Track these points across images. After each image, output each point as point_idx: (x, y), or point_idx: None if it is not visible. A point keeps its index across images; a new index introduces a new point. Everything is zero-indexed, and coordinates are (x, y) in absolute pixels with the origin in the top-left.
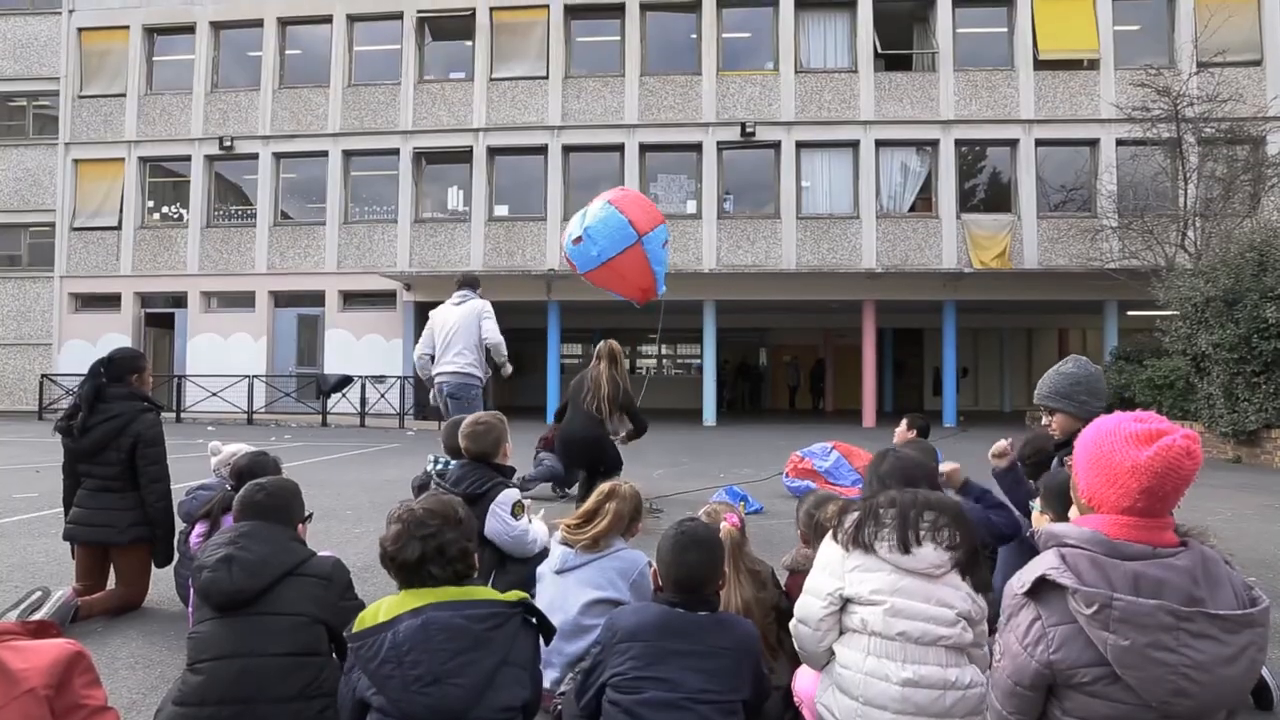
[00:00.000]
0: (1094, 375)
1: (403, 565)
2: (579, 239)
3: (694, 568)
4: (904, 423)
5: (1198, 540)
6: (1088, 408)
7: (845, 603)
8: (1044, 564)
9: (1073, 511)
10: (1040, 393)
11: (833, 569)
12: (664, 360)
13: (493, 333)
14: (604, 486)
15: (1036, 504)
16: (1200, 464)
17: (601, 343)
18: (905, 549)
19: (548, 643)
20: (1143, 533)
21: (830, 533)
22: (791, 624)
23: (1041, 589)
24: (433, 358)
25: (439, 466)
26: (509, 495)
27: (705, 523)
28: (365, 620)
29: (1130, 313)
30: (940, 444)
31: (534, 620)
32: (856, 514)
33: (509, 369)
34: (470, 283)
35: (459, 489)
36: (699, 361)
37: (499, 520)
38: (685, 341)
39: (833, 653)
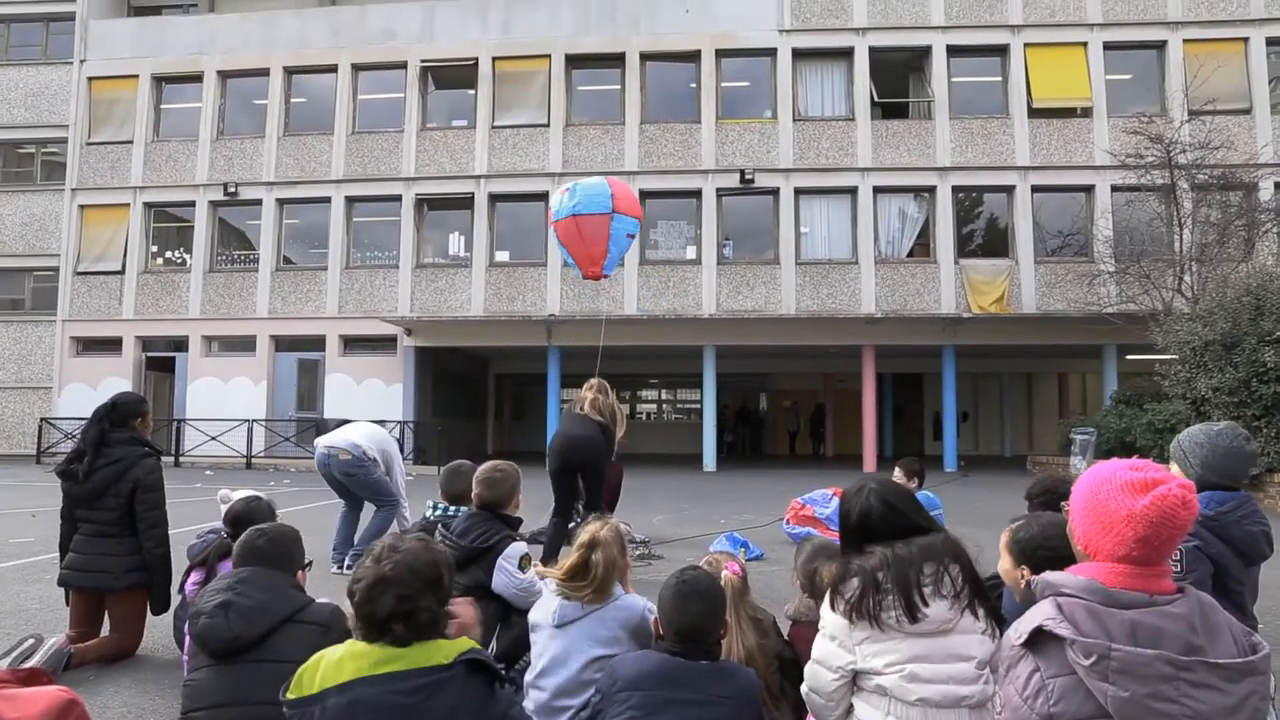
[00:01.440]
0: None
1: (368, 616)
2: (568, 189)
3: (696, 618)
4: (898, 470)
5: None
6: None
7: (858, 673)
8: (1040, 614)
9: (1003, 568)
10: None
11: (841, 640)
12: (664, 405)
13: (399, 484)
14: (584, 537)
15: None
16: (1195, 513)
17: (590, 381)
18: (913, 617)
19: (503, 685)
20: (1139, 581)
21: (829, 600)
22: (804, 689)
23: (1039, 640)
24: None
25: (438, 513)
26: (517, 549)
27: (707, 572)
28: (302, 681)
29: (1129, 356)
30: (941, 489)
31: (484, 663)
32: (856, 582)
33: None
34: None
35: (465, 540)
36: (699, 406)
37: (506, 574)
38: (685, 386)
39: (851, 708)
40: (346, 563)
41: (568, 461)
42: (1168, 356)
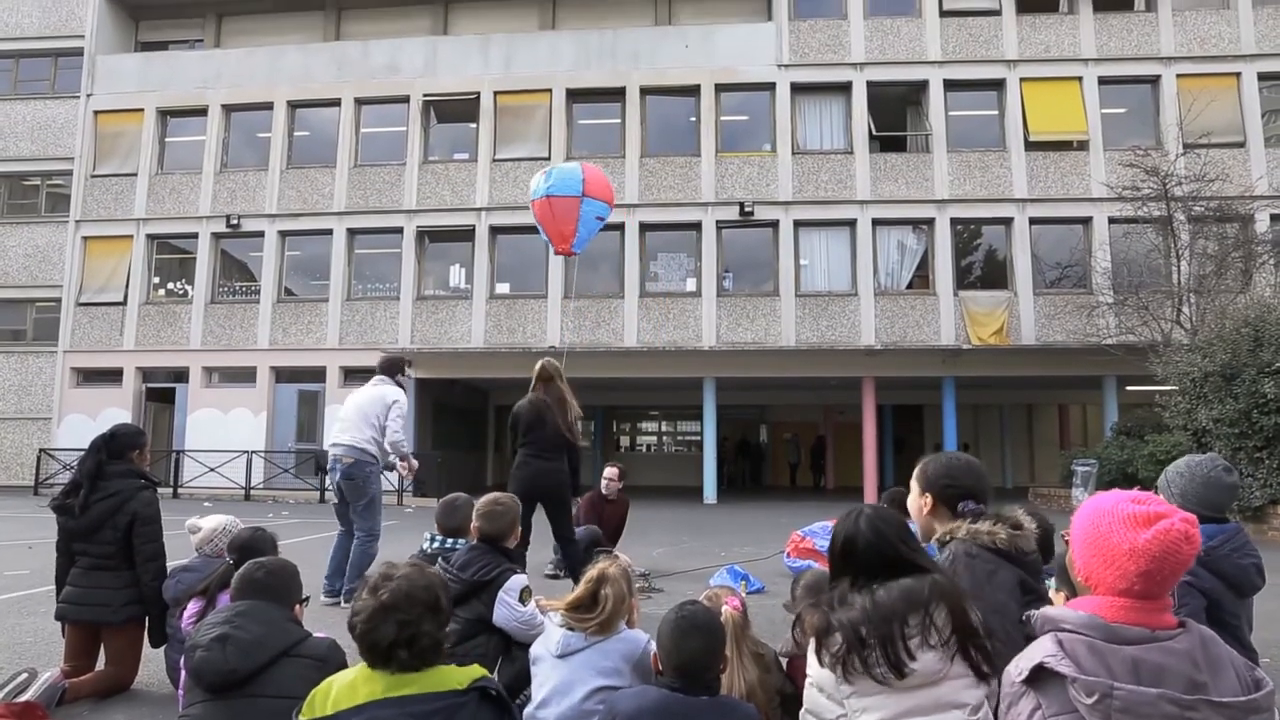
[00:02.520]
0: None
1: (371, 645)
2: (545, 172)
3: (695, 654)
4: (883, 501)
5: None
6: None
7: None
8: (1041, 651)
9: (1052, 594)
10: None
11: (829, 693)
12: (664, 437)
13: (395, 431)
14: (592, 572)
15: (1051, 583)
16: (1198, 548)
17: (542, 362)
18: (900, 673)
19: (512, 717)
20: (1140, 615)
21: (814, 650)
22: None
23: (1040, 677)
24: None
25: (435, 545)
26: (517, 581)
27: (706, 606)
28: (314, 703)
29: (1129, 388)
30: None
31: (495, 694)
32: (838, 637)
33: (404, 468)
34: (387, 370)
35: (466, 574)
36: (699, 438)
37: (507, 607)
38: (685, 418)
39: None
40: (341, 597)
41: (529, 494)
42: (1168, 388)
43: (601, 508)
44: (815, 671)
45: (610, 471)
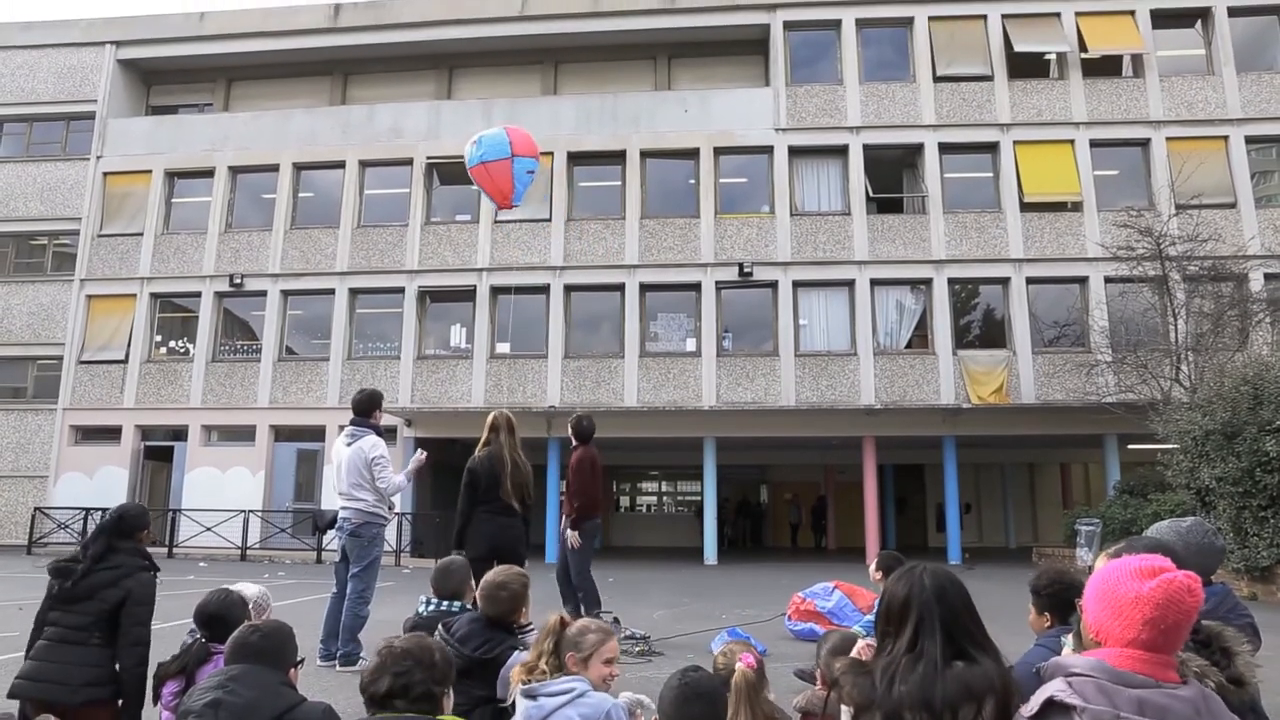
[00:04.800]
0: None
1: (372, 697)
2: (475, 141)
3: None
4: (874, 566)
5: (1199, 679)
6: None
7: None
8: (1051, 688)
9: (1068, 650)
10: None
11: None
12: (664, 497)
13: (384, 482)
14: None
15: (1069, 640)
16: (1201, 602)
17: (494, 414)
18: None
19: None
20: (1147, 667)
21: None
22: None
23: (1049, 712)
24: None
25: (431, 609)
26: (518, 659)
27: (708, 673)
28: None
29: (1131, 446)
30: None
31: None
32: (880, 716)
33: (413, 471)
34: (363, 410)
35: (467, 648)
36: (699, 498)
37: (508, 686)
38: (685, 478)
39: None
40: (337, 660)
41: (491, 553)
42: (1169, 446)
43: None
44: None
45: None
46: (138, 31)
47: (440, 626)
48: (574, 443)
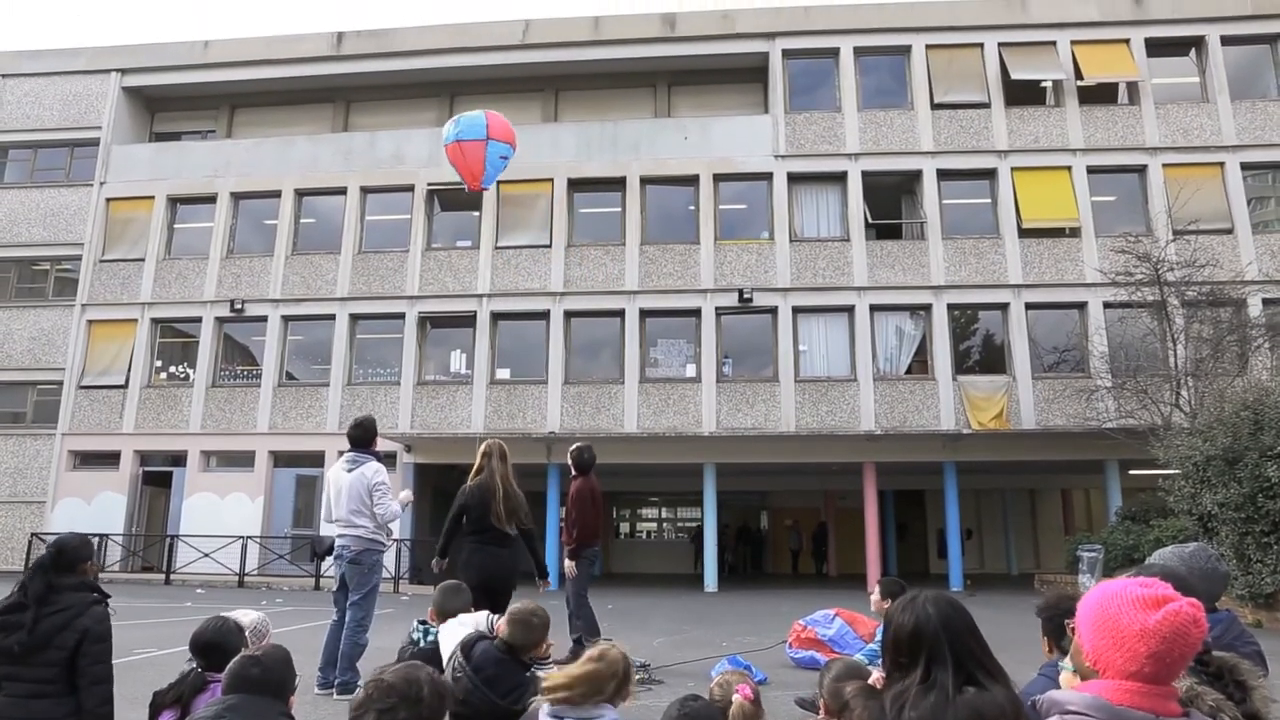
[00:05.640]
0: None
1: None
2: (454, 120)
3: None
4: (877, 591)
5: (1200, 707)
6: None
7: None
8: None
9: (1065, 676)
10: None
11: None
12: (664, 524)
13: (382, 507)
14: (593, 651)
15: (1066, 664)
16: (1205, 632)
17: (486, 443)
18: None
19: None
20: (1147, 700)
21: None
22: None
23: None
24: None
25: (431, 639)
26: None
27: (708, 702)
28: None
29: (1132, 472)
30: None
31: None
32: None
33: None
34: (363, 443)
35: (495, 692)
36: (699, 524)
37: None
38: (685, 505)
39: None
40: (335, 688)
41: (483, 584)
42: (1170, 471)
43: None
44: None
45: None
46: (143, 59)
47: (459, 650)
48: (574, 472)
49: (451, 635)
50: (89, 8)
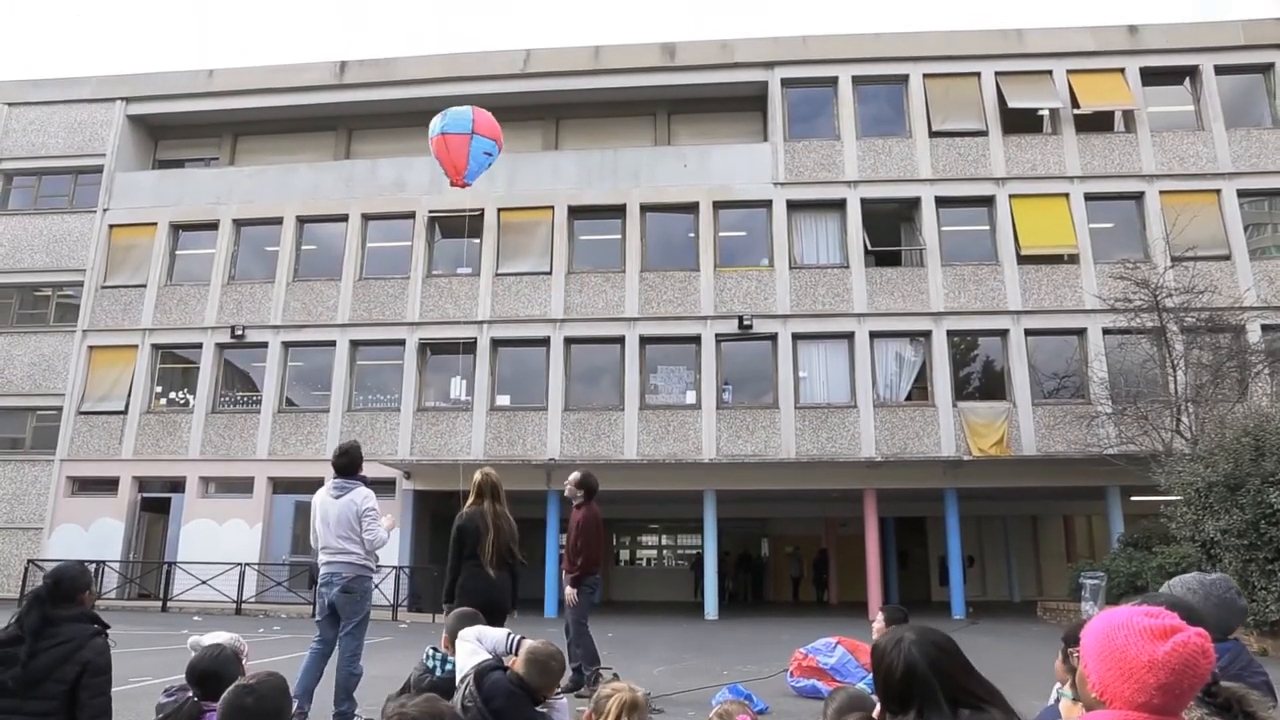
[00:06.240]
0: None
1: None
2: (442, 114)
3: None
4: (880, 618)
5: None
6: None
7: None
8: None
9: (1065, 705)
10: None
11: None
12: (664, 551)
13: (371, 534)
14: (619, 701)
15: (1067, 691)
16: (1214, 663)
17: (481, 478)
18: None
19: None
20: None
21: None
22: None
23: None
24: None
25: (449, 669)
26: None
27: None
28: None
29: (1134, 498)
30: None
31: None
32: None
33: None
34: (349, 471)
35: (496, 714)
36: (699, 552)
37: None
38: (685, 531)
39: None
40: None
41: (483, 608)
42: (1172, 498)
43: (571, 519)
44: None
45: (572, 477)
46: (147, 88)
47: (472, 677)
48: (579, 497)
49: (468, 654)
50: (95, 38)
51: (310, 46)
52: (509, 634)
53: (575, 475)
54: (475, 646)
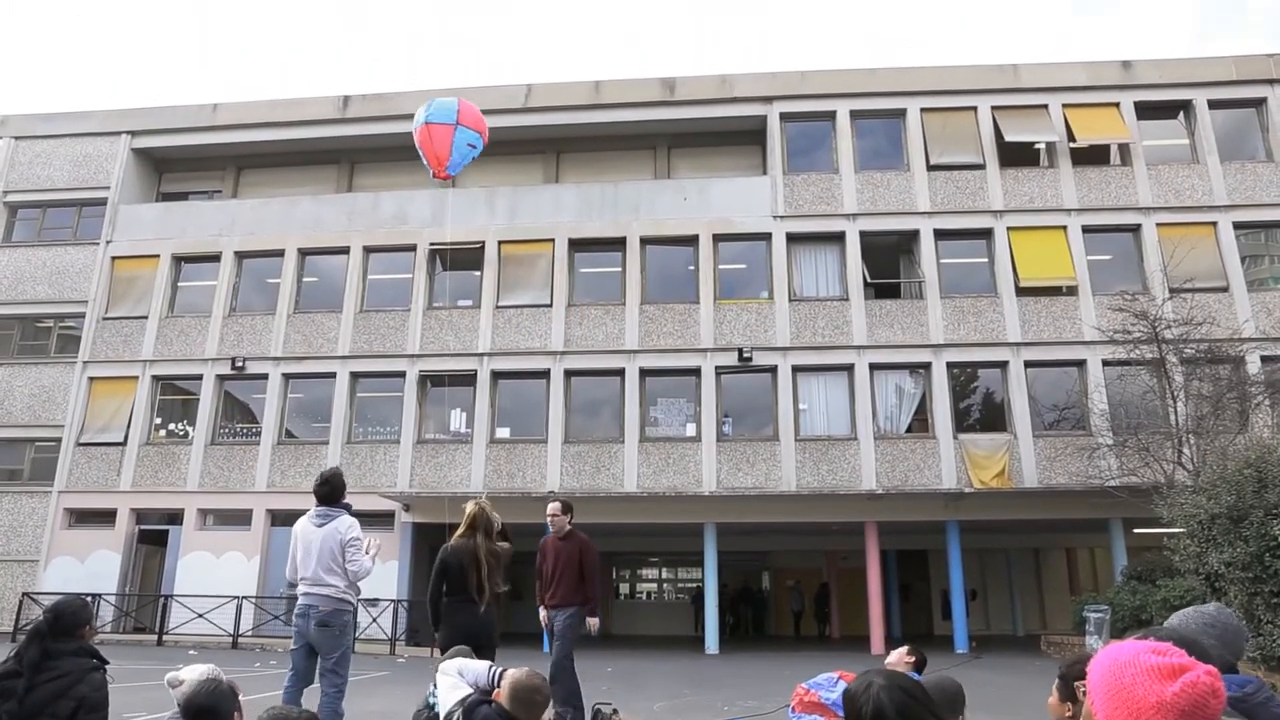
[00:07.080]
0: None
1: None
2: (426, 104)
3: None
4: (903, 650)
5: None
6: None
7: None
8: None
9: None
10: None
11: None
12: (664, 584)
13: (355, 563)
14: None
15: None
16: (1224, 702)
17: (474, 511)
18: None
19: None
20: None
21: None
22: None
23: None
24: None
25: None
26: None
27: None
28: None
29: (1137, 530)
30: (955, 674)
31: None
32: None
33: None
34: (329, 498)
35: None
36: (699, 585)
37: None
38: (685, 565)
39: None
40: None
41: (467, 642)
42: (1175, 530)
43: (555, 548)
44: None
45: (552, 507)
46: (152, 122)
47: (459, 712)
48: (569, 523)
49: (449, 688)
50: (102, 72)
51: (313, 81)
52: (490, 666)
53: (557, 504)
54: (456, 680)
